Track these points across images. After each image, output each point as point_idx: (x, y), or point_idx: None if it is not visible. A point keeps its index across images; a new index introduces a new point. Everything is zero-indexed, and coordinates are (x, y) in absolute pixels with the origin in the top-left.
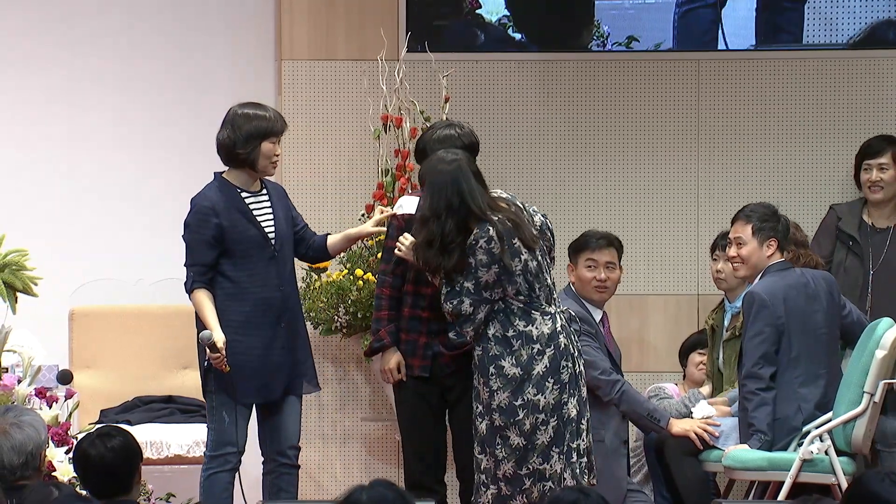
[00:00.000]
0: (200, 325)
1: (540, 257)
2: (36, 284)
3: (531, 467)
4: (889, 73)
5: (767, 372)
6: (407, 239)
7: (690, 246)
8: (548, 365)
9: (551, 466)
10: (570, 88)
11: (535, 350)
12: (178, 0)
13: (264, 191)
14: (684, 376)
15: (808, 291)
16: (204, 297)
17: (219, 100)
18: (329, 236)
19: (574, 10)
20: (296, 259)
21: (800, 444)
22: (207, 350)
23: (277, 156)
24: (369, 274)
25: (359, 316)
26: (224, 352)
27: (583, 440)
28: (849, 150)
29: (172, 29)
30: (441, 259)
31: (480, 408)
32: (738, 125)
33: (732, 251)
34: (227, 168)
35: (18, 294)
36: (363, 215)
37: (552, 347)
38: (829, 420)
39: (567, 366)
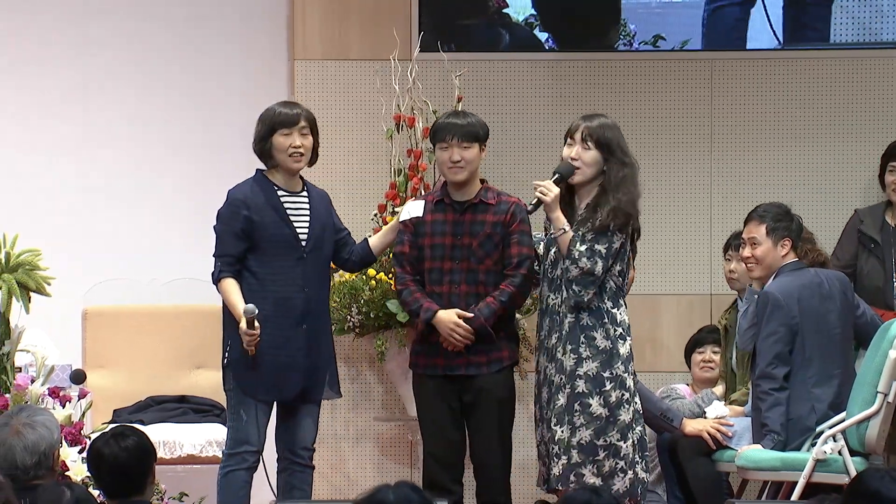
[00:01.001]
0: (227, 317)
1: None
2: (49, 284)
3: (608, 440)
4: None
5: (781, 372)
6: (553, 189)
7: (703, 246)
8: (628, 351)
9: (626, 447)
10: (584, 88)
11: (619, 332)
12: (191, 0)
13: (304, 192)
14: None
15: (822, 291)
16: (231, 285)
17: (232, 100)
18: (368, 238)
19: (601, 10)
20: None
21: (813, 444)
22: (243, 325)
23: (295, 147)
24: (382, 274)
25: (371, 316)
26: (259, 331)
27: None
28: (873, 151)
29: (185, 29)
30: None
31: (562, 378)
32: (752, 124)
33: (747, 252)
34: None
35: (32, 294)
36: (375, 215)
37: (630, 337)
38: (843, 420)
39: (633, 361)
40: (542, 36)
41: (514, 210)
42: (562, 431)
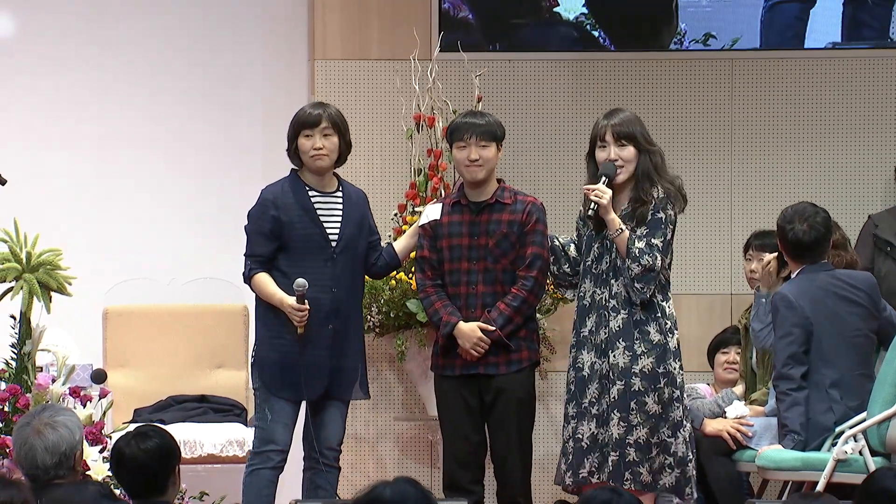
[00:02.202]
0: (258, 314)
1: None
2: (70, 284)
3: (660, 437)
4: None
5: (797, 372)
6: (607, 192)
7: (724, 245)
8: (676, 345)
9: (676, 445)
10: (604, 87)
11: (669, 326)
12: (211, 1)
13: (339, 192)
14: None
15: (841, 293)
16: (265, 277)
17: (252, 99)
18: (391, 244)
19: (654, 8)
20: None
21: (834, 444)
22: (293, 301)
23: (316, 149)
24: (402, 273)
25: (391, 315)
26: (309, 307)
27: None
28: (891, 153)
29: (205, 29)
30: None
31: (615, 374)
32: (773, 125)
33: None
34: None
35: (53, 293)
36: (396, 215)
37: (677, 331)
38: (864, 420)
39: (681, 356)
40: (594, 34)
41: (531, 209)
42: (616, 428)
